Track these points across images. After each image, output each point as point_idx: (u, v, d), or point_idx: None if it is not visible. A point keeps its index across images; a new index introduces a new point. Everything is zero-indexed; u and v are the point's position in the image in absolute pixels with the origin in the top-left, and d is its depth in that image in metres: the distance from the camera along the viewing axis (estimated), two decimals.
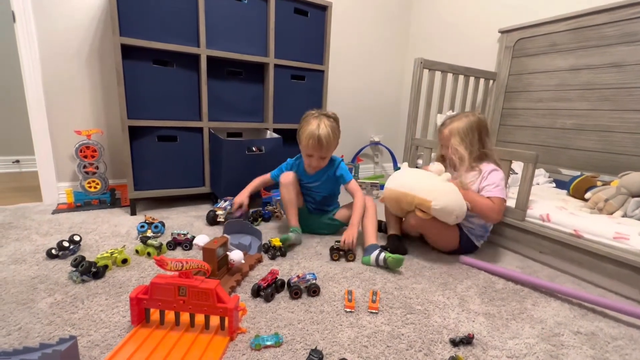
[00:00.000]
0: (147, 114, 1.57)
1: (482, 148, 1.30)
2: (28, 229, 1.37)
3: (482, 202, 1.22)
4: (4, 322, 0.81)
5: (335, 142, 1.34)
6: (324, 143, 1.28)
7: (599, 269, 1.14)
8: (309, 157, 1.35)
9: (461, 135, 1.27)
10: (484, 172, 1.26)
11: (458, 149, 1.27)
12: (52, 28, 1.63)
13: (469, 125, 1.27)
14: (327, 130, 1.29)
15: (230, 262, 1.06)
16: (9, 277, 1.01)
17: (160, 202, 1.81)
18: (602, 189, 1.38)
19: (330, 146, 1.32)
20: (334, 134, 1.32)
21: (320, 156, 1.34)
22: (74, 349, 0.68)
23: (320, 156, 1.34)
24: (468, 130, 1.27)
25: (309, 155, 1.35)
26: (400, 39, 2.81)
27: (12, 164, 2.41)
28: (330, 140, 1.30)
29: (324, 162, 1.37)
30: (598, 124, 1.71)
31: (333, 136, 1.31)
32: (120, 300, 0.92)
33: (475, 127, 1.28)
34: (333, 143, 1.33)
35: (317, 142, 1.28)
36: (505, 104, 2.12)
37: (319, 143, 1.28)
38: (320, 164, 1.37)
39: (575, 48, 1.77)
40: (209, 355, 0.73)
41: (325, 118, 1.32)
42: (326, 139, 1.28)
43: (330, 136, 1.29)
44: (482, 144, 1.30)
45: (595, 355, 0.82)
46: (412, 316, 0.92)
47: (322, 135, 1.27)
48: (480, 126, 1.29)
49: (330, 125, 1.31)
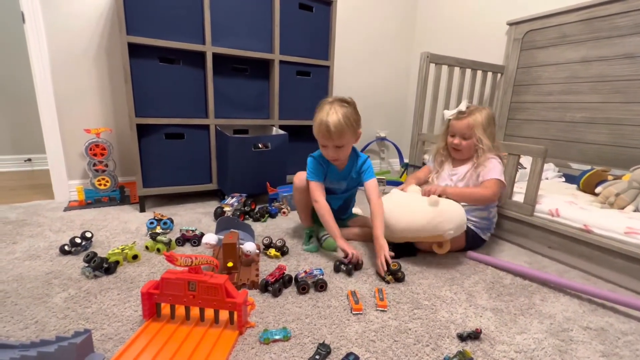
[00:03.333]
0: (155, 111, 1.58)
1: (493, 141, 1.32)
2: (41, 226, 1.40)
3: (472, 191, 1.26)
4: (21, 316, 0.84)
5: (351, 130, 1.17)
6: (332, 130, 1.13)
7: (609, 264, 1.13)
8: (324, 147, 1.22)
9: (484, 126, 1.29)
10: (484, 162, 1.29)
11: (483, 139, 1.28)
12: (60, 28, 1.66)
13: (488, 118, 1.30)
14: (338, 116, 1.14)
15: (246, 253, 1.08)
16: (25, 273, 1.03)
17: (169, 199, 1.83)
18: (613, 183, 1.36)
19: (343, 134, 1.15)
20: (347, 121, 1.15)
21: (334, 145, 1.18)
22: (88, 342, 0.69)
23: (335, 145, 1.18)
24: (489, 122, 1.30)
25: (324, 146, 1.21)
26: (406, 33, 2.78)
27: (24, 163, 2.46)
28: (342, 128, 1.14)
29: (342, 152, 1.21)
30: (609, 117, 1.68)
31: (346, 123, 1.14)
32: (131, 295, 0.94)
33: (492, 120, 1.32)
34: (347, 130, 1.15)
35: (326, 130, 1.14)
36: (514, 97, 2.08)
37: (328, 131, 1.14)
38: (339, 155, 1.22)
39: (587, 39, 1.73)
40: (219, 349, 0.74)
41: (337, 104, 1.18)
42: (336, 126, 1.13)
43: (341, 123, 1.13)
44: (494, 137, 1.32)
45: (605, 350, 0.81)
46: (419, 311, 0.93)
47: (330, 122, 1.13)
48: (493, 118, 1.33)
49: (343, 112, 1.15)
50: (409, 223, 1.17)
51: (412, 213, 1.18)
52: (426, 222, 1.14)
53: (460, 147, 1.32)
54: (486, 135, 1.29)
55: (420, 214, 1.15)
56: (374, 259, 1.18)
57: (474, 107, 1.33)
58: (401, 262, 1.17)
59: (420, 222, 1.15)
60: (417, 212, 1.17)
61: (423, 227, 1.14)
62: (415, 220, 1.16)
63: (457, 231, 1.17)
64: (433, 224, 1.13)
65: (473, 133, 1.29)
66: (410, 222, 1.17)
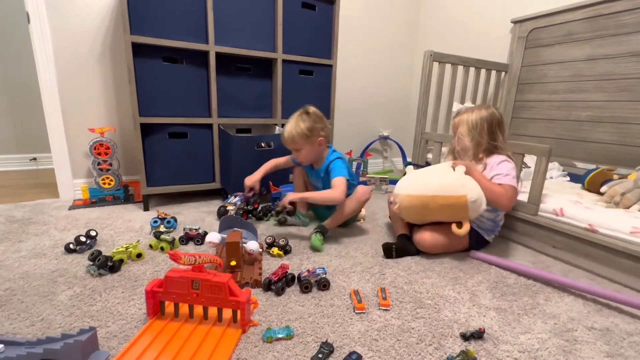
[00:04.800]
0: (158, 111, 1.59)
1: (491, 141, 1.28)
2: (47, 225, 1.41)
3: (492, 186, 1.19)
4: (28, 314, 0.85)
5: (303, 138, 1.35)
6: (286, 139, 1.37)
7: (615, 264, 1.12)
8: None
9: (469, 126, 1.28)
10: (492, 164, 1.25)
11: (463, 139, 1.29)
12: (65, 28, 1.67)
13: (479, 118, 1.27)
14: (291, 126, 1.35)
15: (249, 252, 1.08)
16: (31, 271, 1.05)
17: (172, 198, 1.84)
18: (618, 182, 1.35)
19: (294, 141, 1.36)
20: (299, 130, 1.34)
21: (295, 149, 1.40)
22: (93, 340, 0.70)
23: (295, 149, 1.40)
24: (477, 122, 1.27)
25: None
26: (409, 32, 2.77)
27: (29, 162, 2.48)
28: (292, 136, 1.35)
29: (301, 155, 1.40)
30: (615, 116, 1.66)
31: (297, 132, 1.34)
32: (135, 293, 0.95)
33: (486, 120, 1.27)
34: (298, 139, 1.35)
35: (283, 137, 1.39)
36: (518, 96, 2.07)
37: (283, 137, 1.39)
38: (299, 158, 1.42)
39: (592, 37, 1.72)
40: (222, 347, 0.75)
41: (298, 115, 1.38)
42: (289, 135, 1.35)
43: (292, 132, 1.35)
44: (492, 137, 1.28)
45: (609, 351, 0.80)
46: (422, 310, 0.93)
47: (285, 131, 1.37)
48: (492, 119, 1.27)
49: (298, 123, 1.35)
50: (434, 180, 1.21)
51: (438, 173, 1.23)
52: (452, 180, 1.17)
53: (457, 145, 1.34)
54: (470, 134, 1.27)
55: (447, 174, 1.21)
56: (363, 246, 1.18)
57: (476, 107, 1.33)
58: (404, 261, 1.18)
59: (446, 179, 1.18)
60: (443, 172, 1.22)
61: (449, 184, 1.17)
62: (440, 178, 1.20)
63: (477, 202, 1.14)
64: (459, 182, 1.16)
65: (458, 131, 1.30)
66: (435, 180, 1.21)
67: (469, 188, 1.15)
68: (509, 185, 1.19)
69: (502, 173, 1.22)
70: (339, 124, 2.44)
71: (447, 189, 1.16)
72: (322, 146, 1.41)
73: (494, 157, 1.27)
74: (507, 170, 1.22)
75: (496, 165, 1.24)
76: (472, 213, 1.16)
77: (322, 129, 1.39)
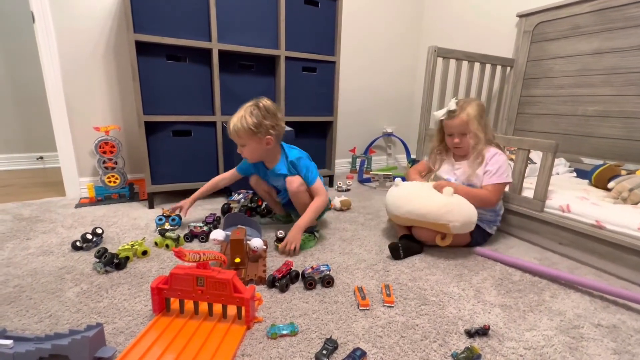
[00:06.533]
0: (162, 109, 1.60)
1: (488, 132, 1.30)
2: (54, 222, 1.43)
3: (477, 194, 1.24)
4: (36, 310, 0.86)
5: (247, 133, 1.21)
6: (230, 132, 1.25)
7: (622, 260, 1.11)
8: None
9: (477, 119, 1.27)
10: (487, 158, 1.26)
11: (478, 134, 1.26)
12: (69, 27, 1.67)
13: (479, 109, 1.28)
14: (236, 119, 1.22)
15: (253, 249, 1.09)
16: (39, 268, 1.06)
17: (177, 196, 1.85)
18: (626, 178, 1.33)
19: (238, 135, 1.23)
20: (244, 124, 1.20)
21: (239, 144, 1.27)
22: (100, 335, 0.71)
23: (240, 144, 1.27)
24: (481, 113, 1.28)
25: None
26: (413, 28, 2.74)
27: (36, 161, 2.51)
28: (236, 130, 1.22)
29: (245, 151, 1.27)
30: (623, 110, 1.64)
31: (242, 125, 1.20)
32: (141, 290, 0.96)
33: (484, 110, 1.30)
34: (242, 133, 1.21)
35: (228, 131, 1.26)
36: (524, 91, 2.05)
37: (228, 132, 1.26)
38: (244, 154, 1.28)
39: (600, 30, 1.69)
40: (227, 343, 0.75)
41: (248, 107, 1.23)
42: (233, 127, 1.22)
43: (236, 126, 1.21)
44: (488, 128, 1.31)
45: (616, 348, 0.80)
46: (426, 307, 0.92)
47: (230, 123, 1.24)
48: (484, 109, 1.31)
49: (245, 117, 1.21)
50: (417, 206, 1.19)
51: (421, 197, 1.21)
52: (435, 209, 1.16)
53: (461, 144, 1.30)
54: (481, 127, 1.27)
55: (430, 200, 1.18)
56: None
57: (462, 102, 1.30)
58: (408, 258, 1.18)
59: (428, 208, 1.17)
60: (427, 197, 1.20)
61: (430, 212, 1.16)
62: (423, 205, 1.18)
63: (462, 227, 1.16)
64: (441, 212, 1.15)
65: (469, 128, 1.27)
66: (418, 205, 1.19)
67: (452, 216, 1.14)
68: (491, 186, 1.24)
69: (491, 171, 1.24)
70: (343, 121, 2.44)
71: (430, 217, 1.17)
72: (271, 145, 1.26)
73: (489, 149, 1.28)
74: (496, 167, 1.24)
75: (489, 159, 1.26)
76: (459, 232, 1.18)
77: (273, 127, 1.24)
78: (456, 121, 1.28)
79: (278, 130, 1.27)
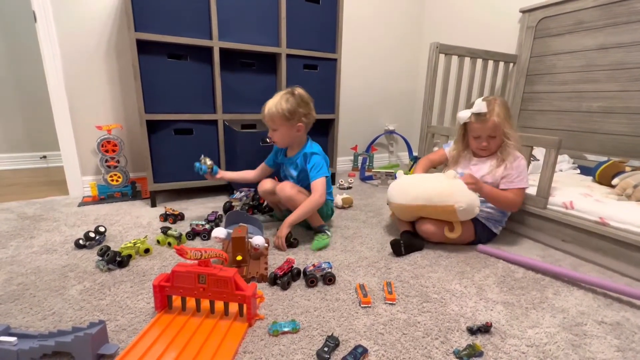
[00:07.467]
0: (164, 108, 1.60)
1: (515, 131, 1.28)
2: (57, 221, 1.44)
3: (501, 195, 1.23)
4: (40, 307, 0.86)
5: (282, 118, 1.25)
6: (265, 115, 1.29)
7: (626, 257, 1.10)
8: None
9: (508, 120, 1.24)
10: (507, 161, 1.24)
11: (512, 133, 1.23)
12: (71, 27, 1.68)
13: (506, 108, 1.25)
14: (272, 104, 1.27)
15: (255, 247, 1.09)
16: (42, 266, 1.07)
17: (179, 194, 1.86)
18: (630, 174, 1.32)
19: (273, 119, 1.27)
20: (280, 109, 1.25)
21: (272, 128, 1.31)
22: (103, 333, 0.72)
23: (271, 128, 1.31)
24: (508, 113, 1.26)
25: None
26: (414, 24, 2.72)
27: (39, 160, 2.53)
28: (271, 114, 1.26)
29: (276, 135, 1.31)
30: (628, 106, 1.62)
31: (277, 110, 1.25)
32: (144, 287, 0.97)
33: (509, 108, 1.28)
34: (277, 117, 1.26)
35: (262, 113, 1.30)
36: (527, 87, 2.03)
37: (263, 112, 1.30)
38: (273, 138, 1.33)
39: (604, 25, 1.67)
40: (229, 340, 0.75)
41: (284, 94, 1.29)
42: (268, 110, 1.27)
43: (272, 110, 1.26)
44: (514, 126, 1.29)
45: (620, 345, 0.79)
46: (428, 304, 0.92)
47: (265, 107, 1.28)
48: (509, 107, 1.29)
49: (281, 102, 1.26)
50: (424, 189, 1.21)
51: (427, 181, 1.24)
52: (440, 190, 1.17)
53: (489, 147, 1.27)
54: (509, 126, 1.24)
55: (436, 182, 1.21)
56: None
57: (488, 102, 1.24)
58: (410, 255, 1.17)
59: (434, 190, 1.18)
60: (432, 181, 1.23)
61: (437, 195, 1.17)
62: (429, 188, 1.20)
63: (467, 209, 1.15)
64: (446, 192, 1.16)
65: (501, 131, 1.23)
66: (424, 189, 1.21)
67: (457, 197, 1.15)
68: (517, 190, 1.23)
69: (512, 175, 1.23)
70: (345, 118, 2.43)
71: (435, 200, 1.18)
72: (301, 132, 1.31)
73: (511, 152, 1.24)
74: (518, 172, 1.23)
75: (510, 164, 1.23)
76: (463, 217, 1.18)
77: (305, 115, 1.29)
78: (488, 125, 1.22)
79: (309, 119, 1.32)
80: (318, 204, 1.27)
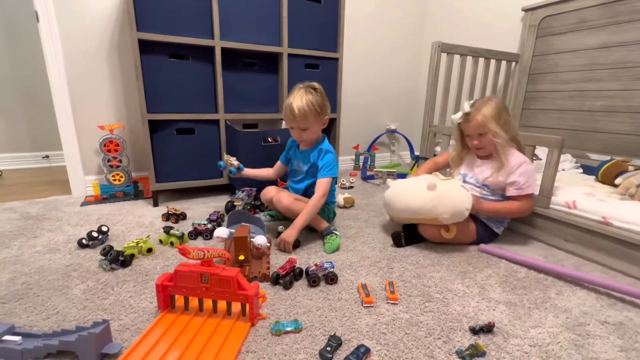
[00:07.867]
0: (166, 107, 1.60)
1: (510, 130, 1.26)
2: (60, 221, 1.45)
3: (508, 207, 1.25)
4: (44, 307, 0.87)
5: (314, 115, 1.25)
6: (296, 113, 1.23)
7: (629, 257, 1.09)
8: (291, 129, 1.32)
9: (495, 118, 1.23)
10: (512, 166, 1.22)
11: (499, 132, 1.22)
12: (73, 26, 1.68)
13: (497, 108, 1.24)
14: (302, 101, 1.23)
15: (257, 246, 1.09)
16: (46, 266, 1.07)
17: (181, 194, 1.86)
18: (633, 173, 1.31)
19: (306, 118, 1.24)
20: (311, 106, 1.23)
21: (298, 127, 1.27)
22: (106, 332, 0.72)
23: (299, 127, 1.27)
24: (499, 112, 1.24)
25: (291, 128, 1.31)
26: (416, 24, 2.72)
27: (42, 159, 2.54)
28: (305, 112, 1.23)
29: (306, 134, 1.29)
30: (631, 105, 1.61)
31: (309, 107, 1.23)
32: (147, 287, 0.97)
33: (503, 108, 1.26)
34: (310, 115, 1.24)
35: (290, 113, 1.25)
36: (529, 86, 2.02)
37: (292, 113, 1.24)
38: (303, 137, 1.30)
39: (607, 24, 1.66)
40: (231, 340, 0.76)
41: (305, 89, 1.26)
42: (299, 109, 1.22)
43: (305, 108, 1.22)
44: (510, 125, 1.27)
45: (623, 345, 0.79)
46: (430, 304, 0.92)
47: (294, 106, 1.23)
48: (505, 107, 1.27)
49: (308, 97, 1.24)
50: (406, 205, 1.23)
51: (408, 196, 1.25)
52: (421, 205, 1.19)
53: (481, 145, 1.27)
54: (500, 126, 1.22)
55: (416, 198, 1.22)
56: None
57: (479, 102, 1.26)
58: (412, 255, 1.17)
59: (416, 205, 1.21)
60: (413, 195, 1.23)
61: (419, 209, 1.20)
62: (411, 203, 1.22)
63: (452, 217, 1.17)
64: (428, 207, 1.18)
65: (487, 128, 1.23)
66: (407, 204, 1.23)
67: (439, 209, 1.17)
68: (525, 198, 1.23)
69: (520, 182, 1.21)
70: (346, 118, 2.42)
71: (419, 213, 1.21)
72: (325, 126, 1.33)
73: (512, 155, 1.23)
74: (525, 178, 1.21)
75: (516, 169, 1.21)
76: (453, 221, 1.19)
77: (329, 108, 1.32)
78: (473, 123, 1.25)
79: (329, 113, 1.33)
80: (317, 207, 1.27)
